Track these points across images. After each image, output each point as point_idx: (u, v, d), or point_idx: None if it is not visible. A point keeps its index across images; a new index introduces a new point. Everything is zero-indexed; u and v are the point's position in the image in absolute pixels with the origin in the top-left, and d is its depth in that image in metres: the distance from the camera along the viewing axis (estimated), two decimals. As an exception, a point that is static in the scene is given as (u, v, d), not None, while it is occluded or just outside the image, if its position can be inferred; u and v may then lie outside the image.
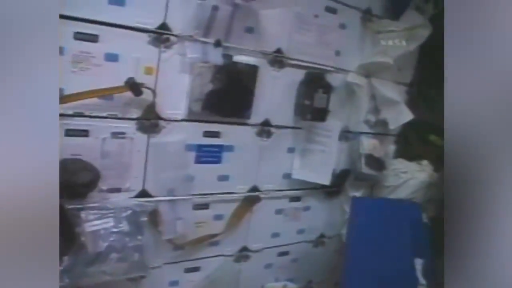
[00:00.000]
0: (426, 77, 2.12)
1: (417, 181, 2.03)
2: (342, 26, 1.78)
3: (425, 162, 2.12)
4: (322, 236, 2.02)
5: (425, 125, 2.12)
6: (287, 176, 1.79)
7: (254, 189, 1.69)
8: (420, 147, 2.17)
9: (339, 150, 1.87)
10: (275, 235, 1.84)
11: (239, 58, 1.51)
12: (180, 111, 1.43)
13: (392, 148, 2.12)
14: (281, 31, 1.60)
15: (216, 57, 1.44)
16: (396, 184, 2.06)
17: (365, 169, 1.94)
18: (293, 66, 1.66)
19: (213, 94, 1.45)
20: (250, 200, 1.69)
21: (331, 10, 1.73)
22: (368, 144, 1.97)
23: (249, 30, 1.51)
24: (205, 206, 1.57)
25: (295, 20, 1.63)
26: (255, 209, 1.71)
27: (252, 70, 1.54)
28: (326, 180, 1.82)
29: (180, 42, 1.36)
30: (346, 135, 1.93)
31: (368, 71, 1.90)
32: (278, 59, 1.61)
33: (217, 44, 1.44)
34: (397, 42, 1.85)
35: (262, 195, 1.71)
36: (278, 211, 1.81)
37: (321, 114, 1.71)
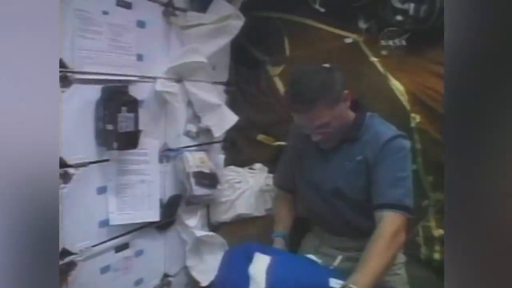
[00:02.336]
0: (242, 73, 1.93)
1: (253, 192, 1.85)
2: (141, 24, 1.46)
3: (258, 165, 1.94)
4: (165, 276, 1.71)
5: (251, 125, 1.94)
6: (105, 223, 1.39)
7: (64, 253, 1.26)
8: (250, 149, 1.97)
9: (162, 175, 1.57)
10: (109, 298, 1.45)
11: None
12: None
13: (221, 157, 1.88)
14: (60, 37, 1.18)
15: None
16: (233, 198, 1.85)
17: (197, 190, 1.65)
18: (83, 82, 1.26)
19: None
20: (62, 270, 1.25)
21: (124, 5, 1.38)
22: (194, 160, 1.69)
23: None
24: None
25: (76, 20, 1.23)
26: (72, 279, 1.28)
27: (26, 96, 1.09)
28: (154, 215, 1.51)
29: None
30: (167, 154, 1.62)
31: (180, 75, 1.62)
32: (61, 75, 1.19)
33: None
34: (208, 37, 1.60)
35: (77, 258, 1.29)
36: (104, 269, 1.42)
37: (130, 139, 1.36)
